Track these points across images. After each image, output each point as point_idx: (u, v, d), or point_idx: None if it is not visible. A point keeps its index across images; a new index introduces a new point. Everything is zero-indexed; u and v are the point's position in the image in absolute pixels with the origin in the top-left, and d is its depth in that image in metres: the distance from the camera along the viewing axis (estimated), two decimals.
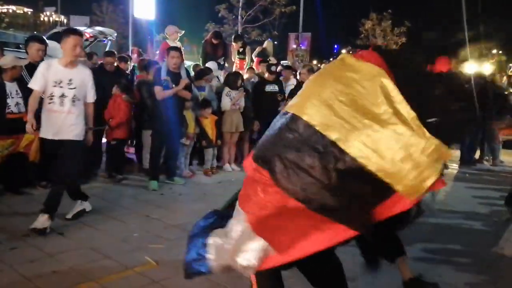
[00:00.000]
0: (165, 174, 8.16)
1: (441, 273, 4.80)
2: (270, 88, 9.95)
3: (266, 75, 10.30)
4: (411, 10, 40.01)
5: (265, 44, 14.30)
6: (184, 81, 7.87)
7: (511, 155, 12.31)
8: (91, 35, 15.15)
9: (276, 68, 10.75)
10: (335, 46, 46.19)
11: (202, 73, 9.45)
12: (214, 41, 11.94)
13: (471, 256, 5.40)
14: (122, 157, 8.70)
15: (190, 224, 5.95)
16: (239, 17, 29.03)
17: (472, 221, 6.77)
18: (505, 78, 16.70)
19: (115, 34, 17.11)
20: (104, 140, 8.54)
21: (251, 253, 2.74)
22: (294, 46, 24.81)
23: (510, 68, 17.55)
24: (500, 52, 31.08)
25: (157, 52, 13.79)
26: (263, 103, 9.69)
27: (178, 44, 10.82)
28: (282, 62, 15.27)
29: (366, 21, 37.17)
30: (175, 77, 7.78)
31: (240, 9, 28.92)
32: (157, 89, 7.65)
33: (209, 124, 8.83)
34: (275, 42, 20.95)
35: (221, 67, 11.62)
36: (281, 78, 10.81)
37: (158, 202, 6.98)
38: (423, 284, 4.23)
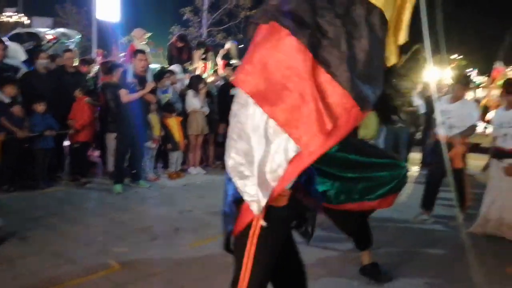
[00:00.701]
0: (129, 178, 8.10)
1: (403, 273, 4.89)
2: (235, 91, 9.95)
3: (232, 78, 10.30)
4: None
5: (228, 45, 14.17)
6: (151, 84, 7.83)
7: (474, 158, 12.58)
8: (54, 36, 14.93)
9: None
10: None
11: (161, 74, 9.39)
12: (179, 44, 11.93)
13: (432, 257, 5.51)
14: (86, 160, 8.61)
15: (154, 227, 5.97)
16: (204, 20, 28.96)
17: (433, 223, 6.89)
18: None
19: (79, 36, 16.87)
20: (67, 143, 8.43)
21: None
22: None
23: (469, 74, 17.99)
24: (461, 56, 31.50)
25: (122, 54, 13.65)
26: (228, 105, 9.66)
27: (145, 47, 10.75)
28: None
29: None
30: (141, 80, 7.73)
31: (205, 11, 28.85)
32: (123, 92, 7.58)
33: (175, 125, 8.79)
34: (240, 46, 20.91)
35: (186, 70, 11.57)
36: None
37: (122, 206, 6.92)
38: (376, 271, 4.64)
